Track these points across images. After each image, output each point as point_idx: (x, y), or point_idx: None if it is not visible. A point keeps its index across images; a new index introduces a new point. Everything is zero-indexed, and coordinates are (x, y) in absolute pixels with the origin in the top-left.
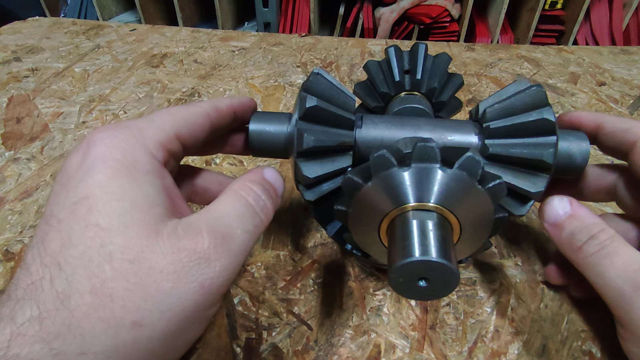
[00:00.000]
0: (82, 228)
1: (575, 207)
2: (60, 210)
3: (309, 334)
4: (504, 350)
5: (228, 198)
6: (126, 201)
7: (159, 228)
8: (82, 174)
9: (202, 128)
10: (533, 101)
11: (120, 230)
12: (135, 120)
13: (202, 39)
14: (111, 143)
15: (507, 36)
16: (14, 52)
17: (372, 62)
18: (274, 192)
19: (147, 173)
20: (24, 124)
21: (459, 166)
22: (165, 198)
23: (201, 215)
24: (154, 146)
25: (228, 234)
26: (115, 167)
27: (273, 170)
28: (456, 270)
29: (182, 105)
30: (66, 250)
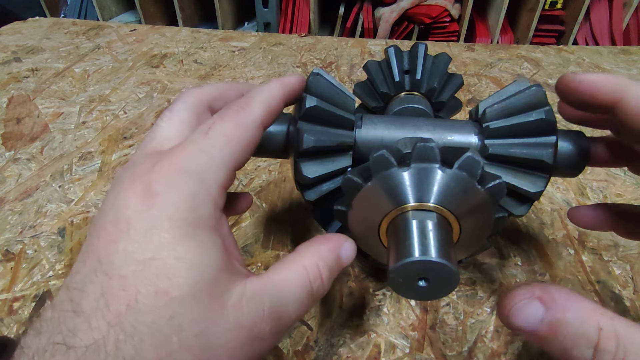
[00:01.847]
0: (151, 294)
1: (554, 307)
2: (123, 265)
3: (309, 334)
4: (503, 350)
5: (294, 276)
6: (196, 271)
7: (225, 300)
8: (145, 227)
9: (255, 146)
10: (533, 101)
11: (189, 302)
12: (194, 158)
13: (202, 39)
14: (177, 196)
15: (507, 36)
16: (14, 53)
17: (372, 62)
18: (338, 271)
19: (211, 230)
20: (24, 124)
21: (459, 166)
22: (225, 258)
23: (264, 288)
24: (218, 193)
25: (284, 318)
26: (182, 228)
27: (351, 247)
28: (456, 270)
29: (232, 119)
30: (133, 315)
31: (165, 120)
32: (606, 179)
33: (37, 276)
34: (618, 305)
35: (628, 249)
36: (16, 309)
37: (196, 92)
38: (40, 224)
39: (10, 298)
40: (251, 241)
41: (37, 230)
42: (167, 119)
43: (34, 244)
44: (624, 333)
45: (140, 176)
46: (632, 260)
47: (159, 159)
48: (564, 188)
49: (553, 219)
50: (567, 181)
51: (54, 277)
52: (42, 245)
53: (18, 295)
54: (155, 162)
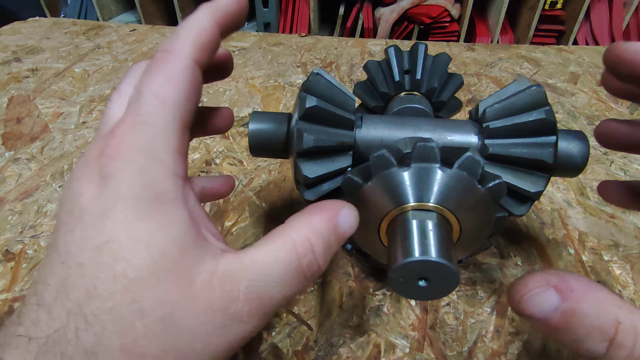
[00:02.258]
0: (109, 278)
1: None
2: (80, 252)
3: (309, 334)
4: (503, 350)
5: (279, 251)
6: (154, 249)
7: (192, 278)
8: (100, 211)
9: (198, 90)
10: (533, 101)
11: (151, 283)
12: (137, 132)
13: None
14: (129, 175)
15: (507, 36)
16: (14, 53)
17: (372, 62)
18: (339, 242)
19: (171, 203)
20: (24, 124)
21: (459, 166)
22: (192, 232)
23: (242, 265)
24: (172, 160)
25: (267, 298)
26: (137, 206)
27: (351, 213)
28: (456, 270)
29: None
30: (93, 301)
31: (114, 101)
32: (606, 179)
33: None
34: None
35: (628, 249)
36: (16, 309)
37: (143, 63)
38: (41, 224)
39: (10, 298)
40: (251, 241)
41: (37, 230)
42: (115, 98)
43: (34, 244)
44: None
45: (91, 163)
46: (632, 260)
47: (105, 141)
48: (564, 188)
49: (553, 219)
50: (567, 181)
51: None
52: (42, 245)
53: (18, 295)
54: (104, 146)
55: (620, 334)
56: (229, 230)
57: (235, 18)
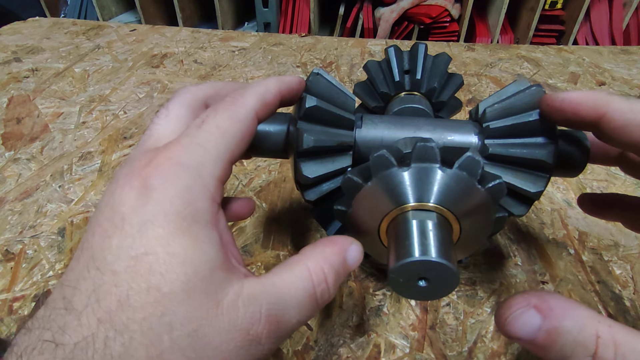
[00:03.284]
0: (142, 290)
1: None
2: (116, 261)
3: (309, 334)
4: (503, 350)
5: (296, 279)
6: (189, 266)
7: (219, 299)
8: (140, 222)
9: (250, 137)
10: (533, 101)
11: (182, 299)
12: (189, 151)
13: (202, 39)
14: (172, 191)
15: (507, 36)
16: (14, 53)
17: (372, 62)
18: (346, 274)
19: (208, 225)
20: (24, 124)
21: (459, 166)
22: (222, 254)
23: (263, 290)
24: (214, 186)
25: (284, 322)
26: (177, 222)
27: (357, 250)
28: (456, 270)
29: (226, 110)
30: (124, 312)
31: (161, 118)
32: (606, 179)
33: (37, 276)
34: (618, 305)
35: (628, 249)
36: (16, 308)
37: (192, 89)
38: (40, 224)
39: (10, 298)
40: (251, 241)
41: (37, 230)
42: (163, 116)
43: (34, 244)
44: (622, 340)
45: (136, 172)
46: (632, 260)
47: (155, 155)
48: (564, 188)
49: (553, 219)
50: (567, 181)
51: (54, 277)
52: (42, 245)
53: (18, 295)
54: (152, 158)
55: (601, 348)
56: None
57: (294, 92)
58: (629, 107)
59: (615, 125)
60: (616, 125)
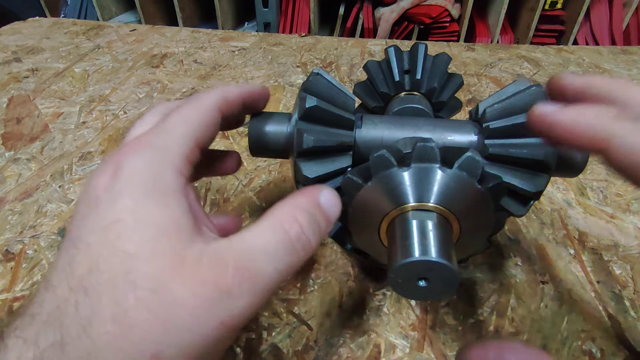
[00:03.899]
0: (110, 254)
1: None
2: (89, 234)
3: (309, 334)
4: None
5: (266, 228)
6: (154, 227)
7: (184, 255)
8: (111, 197)
9: (215, 127)
10: (533, 101)
11: (146, 257)
12: (156, 135)
13: (202, 39)
14: (140, 166)
15: (507, 36)
16: (14, 53)
17: (372, 62)
18: (326, 221)
19: (175, 193)
20: (24, 124)
21: (459, 166)
22: (190, 218)
23: (230, 244)
24: (181, 162)
25: (256, 271)
26: (144, 192)
27: (331, 193)
28: (456, 270)
29: (189, 103)
30: (93, 275)
31: (137, 125)
32: (606, 179)
33: (37, 276)
34: (618, 305)
35: (628, 249)
36: (16, 309)
37: (167, 103)
38: (40, 224)
39: (10, 298)
40: None
41: (37, 230)
42: (138, 123)
43: (34, 244)
44: None
45: (109, 160)
46: (632, 260)
47: (126, 143)
48: (564, 188)
49: (553, 219)
50: (567, 181)
51: None
52: (42, 245)
53: (18, 295)
54: (124, 146)
55: None
56: None
57: (256, 98)
58: (633, 143)
59: (617, 164)
60: (618, 164)
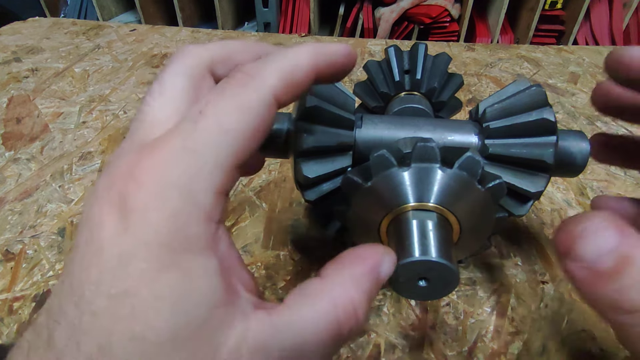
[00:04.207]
0: (125, 338)
1: (627, 241)
2: (94, 299)
3: None
4: (503, 350)
5: (319, 317)
6: (179, 310)
7: (218, 345)
8: (119, 253)
9: (267, 130)
10: (533, 101)
11: (171, 349)
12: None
13: (202, 39)
14: (157, 217)
15: (507, 36)
16: (14, 53)
17: (372, 62)
18: (377, 291)
19: (202, 252)
20: (24, 124)
21: (459, 166)
22: (222, 287)
23: (275, 334)
24: (211, 203)
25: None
26: (162, 254)
27: (392, 259)
28: (456, 270)
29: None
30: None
31: (155, 97)
32: (606, 179)
33: (37, 276)
34: None
35: None
36: (16, 309)
37: (195, 50)
38: (40, 224)
39: (10, 298)
40: (251, 241)
41: (37, 230)
42: (157, 94)
43: (34, 244)
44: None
45: (116, 184)
46: None
47: (138, 160)
48: (564, 188)
49: (553, 219)
50: (567, 181)
51: (54, 277)
52: (42, 245)
53: (18, 295)
54: (134, 166)
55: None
56: (229, 231)
57: (339, 69)
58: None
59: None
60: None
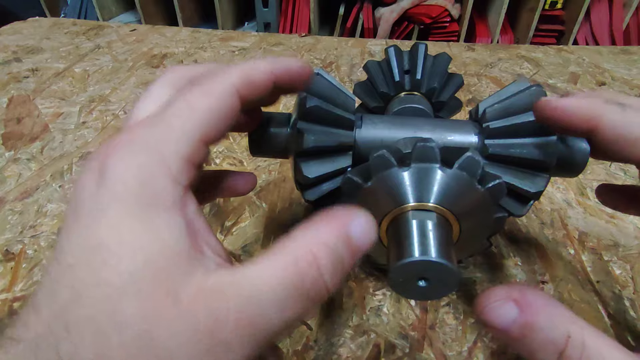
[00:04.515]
0: (94, 284)
1: (527, 311)
2: (71, 252)
3: (309, 333)
4: (503, 350)
5: (277, 265)
6: (141, 255)
7: (177, 291)
8: (95, 209)
9: (231, 117)
10: (533, 101)
11: (133, 293)
12: (151, 129)
13: (202, 39)
14: (127, 172)
15: (507, 36)
16: (14, 53)
17: (372, 62)
18: (352, 257)
19: (167, 208)
20: (24, 124)
21: (459, 166)
22: (186, 242)
23: (233, 281)
24: (177, 167)
25: (260, 323)
26: (130, 206)
27: (366, 221)
28: (456, 270)
29: (200, 85)
30: (75, 308)
31: (141, 100)
32: (606, 179)
33: (37, 276)
34: (618, 305)
35: (628, 249)
36: (16, 309)
37: (179, 68)
38: (40, 224)
39: (10, 298)
40: (251, 241)
41: (37, 230)
42: (143, 98)
43: (34, 244)
44: (590, 344)
45: (99, 154)
46: (632, 260)
47: (118, 135)
48: (564, 188)
49: (553, 219)
50: (567, 181)
51: None
52: (42, 245)
53: (18, 295)
54: (115, 139)
55: (569, 348)
56: (229, 230)
57: (294, 76)
58: (620, 121)
59: (606, 140)
60: (607, 139)
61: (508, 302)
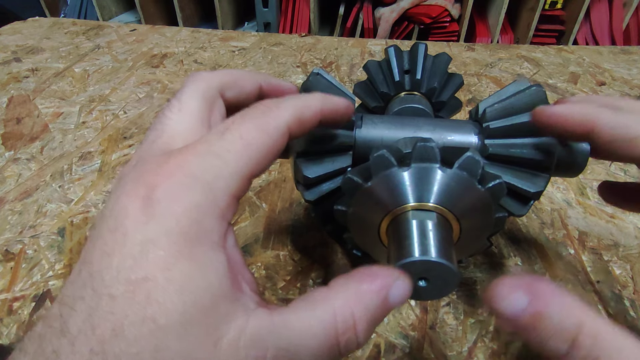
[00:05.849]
0: (138, 321)
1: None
2: (114, 284)
3: None
4: (504, 350)
5: (316, 322)
6: (187, 295)
7: (219, 335)
8: (141, 240)
9: (278, 153)
10: (533, 101)
11: (178, 333)
12: (203, 162)
13: (202, 39)
14: (179, 208)
15: (507, 36)
16: (14, 53)
17: (372, 62)
18: (382, 318)
19: (213, 247)
20: (24, 124)
21: (459, 166)
22: (228, 281)
23: (272, 330)
24: (226, 203)
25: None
26: (179, 243)
27: (404, 287)
28: (456, 270)
29: (254, 118)
30: (117, 342)
31: (174, 112)
32: (606, 179)
33: (37, 276)
34: (618, 305)
35: (628, 248)
36: (16, 309)
37: (207, 76)
38: (40, 224)
39: (10, 298)
40: (251, 241)
41: (37, 230)
42: (176, 110)
43: (34, 244)
44: (603, 334)
45: (144, 179)
46: (632, 260)
47: (166, 160)
48: (564, 188)
49: (553, 219)
50: (567, 181)
51: (54, 277)
52: (42, 245)
53: (18, 295)
54: (162, 164)
55: (582, 336)
56: None
57: (339, 115)
58: (615, 122)
59: (603, 141)
60: (604, 140)
61: (518, 290)
